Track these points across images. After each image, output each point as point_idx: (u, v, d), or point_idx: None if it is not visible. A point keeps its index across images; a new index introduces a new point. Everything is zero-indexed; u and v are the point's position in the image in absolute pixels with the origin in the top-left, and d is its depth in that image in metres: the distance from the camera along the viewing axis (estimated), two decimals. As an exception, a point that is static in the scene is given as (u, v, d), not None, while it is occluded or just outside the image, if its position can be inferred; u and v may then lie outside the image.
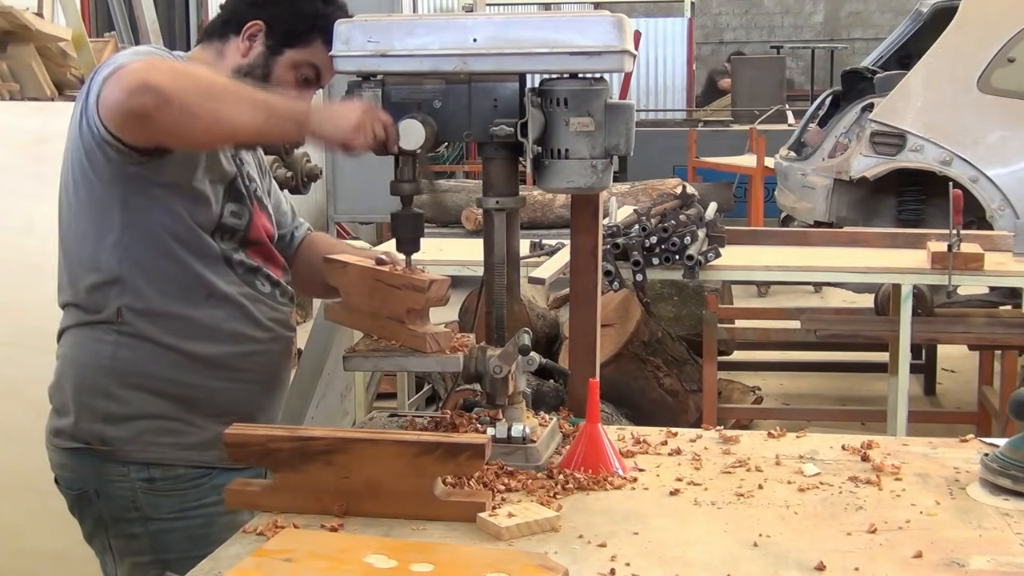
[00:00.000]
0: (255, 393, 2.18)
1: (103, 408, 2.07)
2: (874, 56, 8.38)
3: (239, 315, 2.12)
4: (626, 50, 1.93)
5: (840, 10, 21.10)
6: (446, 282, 2.00)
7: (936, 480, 1.89)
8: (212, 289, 2.09)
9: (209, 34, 2.20)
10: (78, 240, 2.09)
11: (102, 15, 10.60)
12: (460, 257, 4.50)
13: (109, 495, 2.09)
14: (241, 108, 1.88)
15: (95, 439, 2.08)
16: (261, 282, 2.17)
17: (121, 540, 2.12)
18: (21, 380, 3.02)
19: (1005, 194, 6.62)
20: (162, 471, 2.08)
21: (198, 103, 1.84)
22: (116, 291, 2.05)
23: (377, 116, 1.94)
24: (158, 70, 1.85)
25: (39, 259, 3.10)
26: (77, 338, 2.11)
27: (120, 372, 2.06)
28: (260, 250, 2.18)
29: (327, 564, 1.49)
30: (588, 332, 2.23)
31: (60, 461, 2.15)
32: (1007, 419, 3.30)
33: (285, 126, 1.93)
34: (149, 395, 2.07)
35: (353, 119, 1.92)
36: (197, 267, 2.07)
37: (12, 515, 3.06)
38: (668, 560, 1.58)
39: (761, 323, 6.34)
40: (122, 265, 2.04)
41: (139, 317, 2.05)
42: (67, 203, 2.12)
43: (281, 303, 2.21)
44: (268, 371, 2.21)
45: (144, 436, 2.07)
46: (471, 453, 1.70)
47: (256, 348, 2.15)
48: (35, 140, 3.33)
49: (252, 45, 2.13)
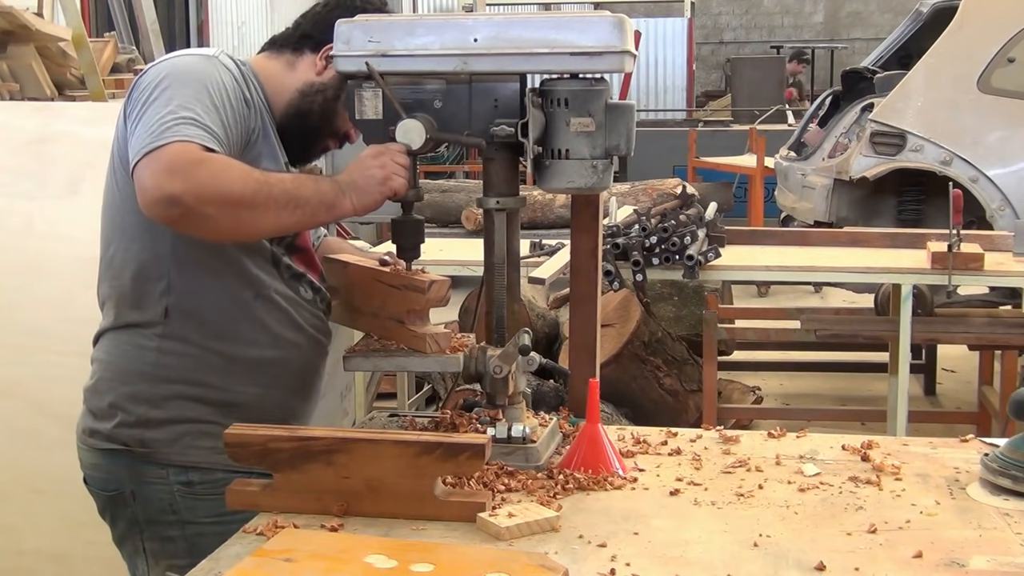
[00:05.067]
0: (292, 399, 2.18)
1: (144, 413, 2.06)
2: (874, 56, 8.38)
3: (283, 319, 2.11)
4: (626, 50, 1.93)
5: (840, 10, 21.11)
6: (446, 283, 2.00)
7: (936, 480, 1.89)
8: (260, 289, 2.08)
9: (281, 44, 2.19)
10: (123, 236, 2.06)
11: (102, 15, 10.61)
12: (460, 257, 4.50)
13: (146, 497, 2.08)
14: (269, 216, 1.89)
15: (134, 441, 2.06)
16: (304, 288, 2.16)
17: (156, 543, 2.11)
18: (21, 380, 3.02)
19: (1005, 194, 6.62)
20: (200, 475, 2.06)
21: (225, 216, 1.84)
22: (163, 288, 2.03)
23: (391, 153, 1.95)
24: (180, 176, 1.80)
25: (39, 259, 3.11)
26: (117, 342, 2.10)
27: (162, 379, 2.05)
28: (304, 257, 2.18)
29: (327, 564, 1.49)
30: (588, 332, 2.23)
31: (93, 461, 2.12)
32: (1007, 419, 3.30)
33: (318, 216, 1.96)
34: (190, 401, 2.06)
35: (378, 176, 1.93)
36: (247, 265, 2.06)
37: (12, 515, 3.06)
38: (668, 560, 1.58)
39: (761, 323, 6.33)
40: (172, 261, 2.02)
41: (185, 318, 2.04)
42: (113, 197, 2.08)
43: (321, 310, 2.20)
44: (305, 377, 2.20)
45: (184, 439, 2.06)
46: (471, 453, 1.70)
47: (296, 354, 2.14)
48: (35, 140, 3.34)
49: (328, 66, 2.12)
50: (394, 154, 1.95)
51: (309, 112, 2.15)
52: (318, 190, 1.94)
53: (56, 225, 3.12)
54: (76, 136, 3.36)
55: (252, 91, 2.06)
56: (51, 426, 2.60)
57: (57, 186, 3.20)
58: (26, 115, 3.62)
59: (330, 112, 2.15)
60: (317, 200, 1.93)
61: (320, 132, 2.18)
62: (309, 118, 2.15)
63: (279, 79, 2.14)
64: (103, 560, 2.23)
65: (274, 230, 1.99)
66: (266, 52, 2.21)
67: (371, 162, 1.95)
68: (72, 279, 2.95)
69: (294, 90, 2.14)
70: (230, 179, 1.84)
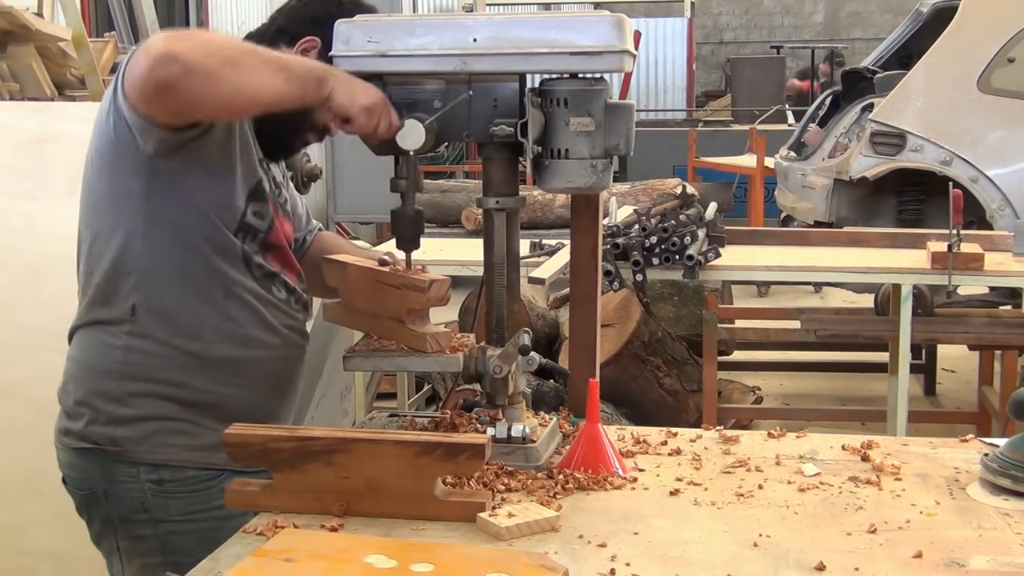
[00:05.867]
0: (266, 399, 2.17)
1: (112, 411, 2.06)
2: (874, 56, 8.39)
3: (254, 318, 2.10)
4: (626, 50, 1.93)
5: (840, 10, 21.12)
6: (446, 282, 2.00)
7: (936, 480, 1.89)
8: (229, 288, 2.07)
9: (257, 39, 2.17)
10: (97, 232, 2.07)
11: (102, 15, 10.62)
12: (460, 257, 4.50)
13: (118, 496, 2.08)
14: (262, 73, 1.89)
15: (104, 440, 2.07)
16: (277, 288, 2.15)
17: (129, 541, 2.11)
18: (21, 380, 3.02)
19: (1005, 194, 6.62)
20: (171, 472, 2.07)
21: (221, 71, 1.84)
22: (131, 284, 2.03)
23: (389, 111, 1.95)
24: (180, 40, 1.84)
25: (39, 259, 3.11)
26: (86, 340, 2.10)
27: (130, 376, 2.05)
28: (279, 255, 2.17)
29: (327, 564, 1.49)
30: (588, 332, 2.23)
31: (68, 461, 2.14)
32: (1007, 419, 3.30)
33: (306, 87, 1.93)
34: (158, 399, 2.06)
35: (368, 101, 1.93)
36: (217, 262, 2.05)
37: (12, 515, 3.06)
38: (668, 560, 1.58)
39: (761, 323, 6.34)
40: (141, 257, 2.02)
41: (152, 316, 2.04)
42: (88, 195, 2.10)
43: (296, 310, 2.19)
44: (280, 378, 2.19)
45: (154, 437, 2.06)
46: (471, 453, 1.70)
47: (268, 354, 2.14)
48: (35, 140, 3.34)
49: None
50: (390, 114, 1.95)
51: None
52: (310, 66, 1.96)
53: (56, 225, 3.12)
54: (76, 136, 3.35)
55: None
56: (51, 426, 2.59)
57: (57, 186, 3.20)
58: (26, 115, 3.63)
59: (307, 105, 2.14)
60: (308, 72, 1.93)
61: (298, 126, 2.16)
62: (286, 112, 2.09)
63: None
64: (103, 560, 2.23)
65: (269, 93, 1.92)
66: None
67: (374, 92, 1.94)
68: (72, 279, 2.93)
69: None
70: (223, 39, 1.89)
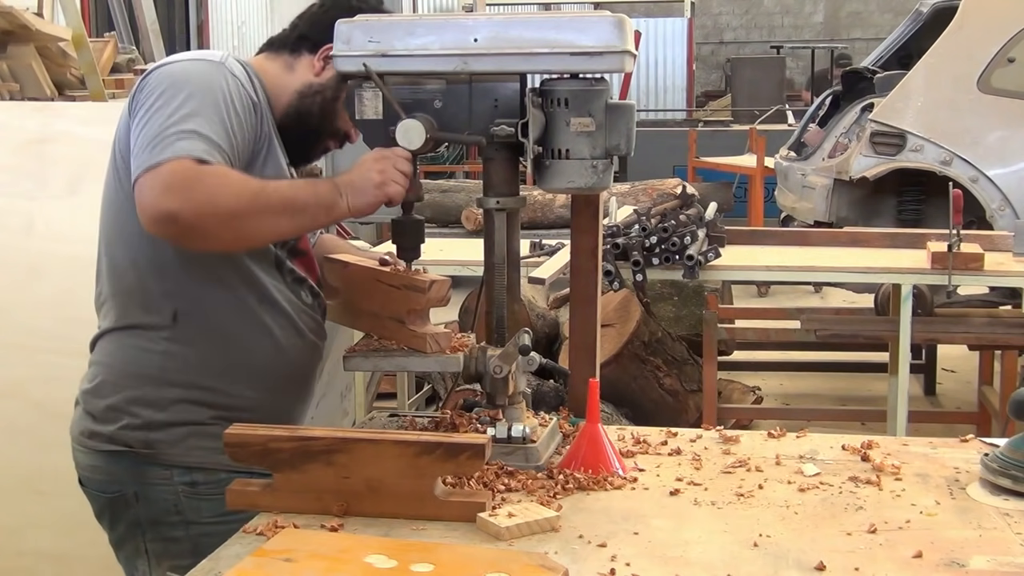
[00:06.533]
0: (289, 402, 2.18)
1: (150, 416, 2.05)
2: (874, 56, 8.38)
3: (286, 323, 2.10)
4: (626, 50, 1.93)
5: (840, 10, 21.12)
6: (446, 283, 2.00)
7: (936, 480, 1.89)
8: (264, 293, 2.07)
9: (279, 46, 2.18)
10: (127, 237, 2.04)
11: (102, 15, 10.61)
12: (460, 257, 4.50)
13: (150, 498, 2.07)
14: (266, 221, 1.90)
15: (138, 443, 2.06)
16: (305, 293, 2.15)
17: (160, 543, 2.10)
18: (21, 380, 3.02)
19: (1005, 194, 6.62)
20: (204, 475, 2.06)
21: (221, 231, 1.86)
22: (169, 289, 2.02)
23: (393, 158, 1.95)
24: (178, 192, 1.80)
25: (39, 259, 3.10)
26: (119, 344, 2.08)
27: (168, 382, 2.05)
28: (304, 261, 2.17)
29: (327, 564, 1.49)
30: (588, 332, 2.23)
31: (92, 463, 2.11)
32: (1007, 419, 3.30)
33: (316, 218, 1.97)
34: (194, 404, 2.05)
35: (376, 179, 1.93)
36: (253, 267, 2.05)
37: (12, 516, 3.05)
38: (668, 560, 1.58)
39: (761, 323, 6.34)
40: (179, 262, 2.01)
41: (191, 322, 2.03)
42: (115, 196, 2.06)
43: (318, 313, 2.20)
44: (303, 381, 2.20)
45: (188, 440, 2.06)
46: (471, 453, 1.70)
47: (296, 358, 2.14)
48: (35, 140, 3.34)
49: (327, 66, 2.12)
50: (396, 160, 1.95)
51: (308, 113, 2.14)
52: (316, 193, 1.95)
53: (56, 225, 3.12)
54: (76, 136, 3.36)
55: (258, 95, 2.06)
56: (51, 426, 2.60)
57: (57, 186, 3.20)
58: (26, 115, 3.62)
59: (329, 113, 2.15)
60: (315, 203, 1.94)
61: (320, 133, 2.18)
62: (308, 119, 2.14)
63: (278, 81, 2.14)
64: (103, 560, 2.22)
65: (274, 237, 2.00)
66: (264, 54, 2.20)
67: (372, 165, 1.95)
68: (72, 279, 2.94)
69: (293, 92, 2.14)
70: (227, 193, 1.85)
